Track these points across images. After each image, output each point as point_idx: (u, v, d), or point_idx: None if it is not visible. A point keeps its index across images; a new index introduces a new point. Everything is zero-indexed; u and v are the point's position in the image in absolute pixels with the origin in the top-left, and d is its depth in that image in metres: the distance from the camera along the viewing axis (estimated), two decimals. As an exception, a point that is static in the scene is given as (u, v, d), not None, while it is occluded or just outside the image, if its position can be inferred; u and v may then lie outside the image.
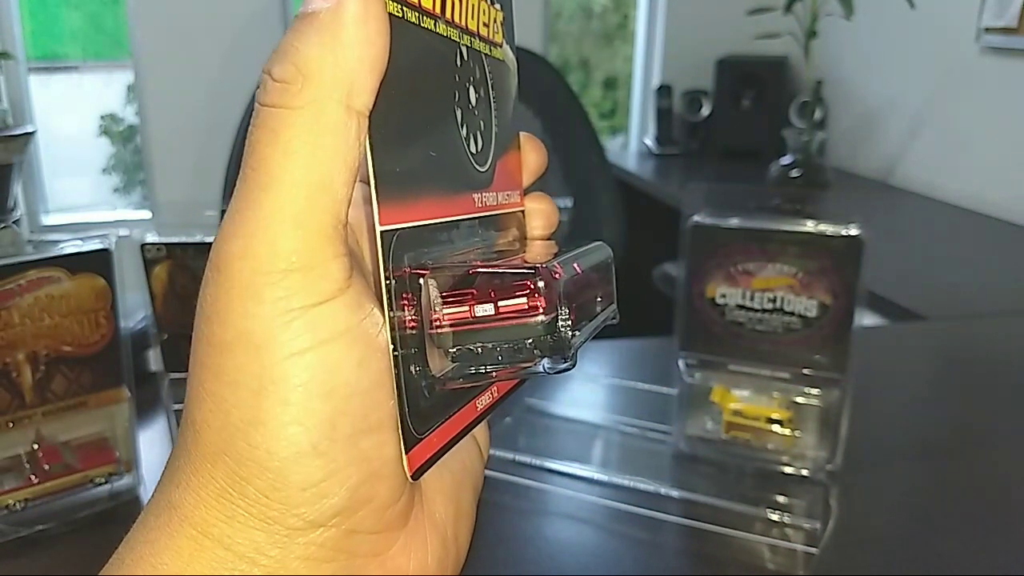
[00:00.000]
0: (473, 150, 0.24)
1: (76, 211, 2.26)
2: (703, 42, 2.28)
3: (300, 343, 0.18)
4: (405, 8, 0.20)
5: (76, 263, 0.49)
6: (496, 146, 0.26)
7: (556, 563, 0.50)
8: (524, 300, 0.20)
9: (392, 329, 0.19)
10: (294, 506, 0.18)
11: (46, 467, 0.50)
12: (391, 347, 0.19)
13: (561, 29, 2.56)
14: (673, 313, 0.59)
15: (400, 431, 0.19)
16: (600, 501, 0.54)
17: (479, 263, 0.21)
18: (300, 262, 0.18)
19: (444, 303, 0.20)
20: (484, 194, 0.25)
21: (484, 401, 0.24)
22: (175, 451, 0.19)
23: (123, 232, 0.52)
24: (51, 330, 0.49)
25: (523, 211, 0.28)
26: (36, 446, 0.50)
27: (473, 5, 0.24)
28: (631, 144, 2.53)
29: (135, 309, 0.59)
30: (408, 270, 0.20)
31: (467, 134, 0.24)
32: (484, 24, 0.25)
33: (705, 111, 2.28)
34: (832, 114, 2.08)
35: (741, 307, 0.56)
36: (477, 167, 0.24)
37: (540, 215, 0.28)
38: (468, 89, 0.24)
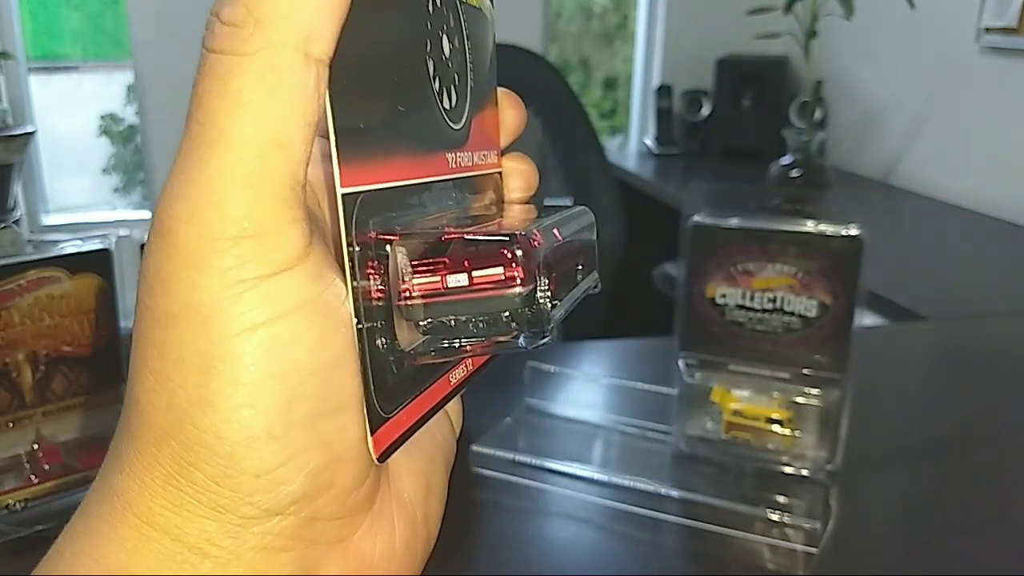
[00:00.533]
0: (447, 105, 0.22)
1: (76, 211, 2.26)
2: (703, 42, 2.28)
3: (253, 317, 0.16)
4: None
5: (76, 263, 0.49)
6: (472, 102, 0.23)
7: (556, 563, 0.50)
8: (501, 270, 0.18)
9: (356, 300, 0.18)
10: (247, 494, 0.16)
11: (46, 467, 0.50)
12: (355, 320, 0.18)
13: (561, 29, 2.56)
14: (673, 313, 0.59)
15: (365, 411, 0.18)
16: (600, 501, 0.54)
17: (452, 229, 0.19)
18: (252, 228, 0.16)
19: (414, 272, 0.19)
20: (459, 154, 0.23)
21: (458, 375, 0.23)
22: (117, 433, 0.18)
23: (123, 232, 0.52)
24: (51, 330, 0.49)
25: (500, 172, 0.26)
26: (36, 446, 0.50)
27: None
28: (631, 144, 2.54)
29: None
30: (374, 235, 0.18)
31: (440, 88, 0.21)
32: None
33: (705, 111, 2.28)
34: (832, 114, 2.08)
35: (741, 307, 0.56)
36: (451, 124, 0.22)
37: (519, 176, 0.26)
38: (441, 38, 0.21)
